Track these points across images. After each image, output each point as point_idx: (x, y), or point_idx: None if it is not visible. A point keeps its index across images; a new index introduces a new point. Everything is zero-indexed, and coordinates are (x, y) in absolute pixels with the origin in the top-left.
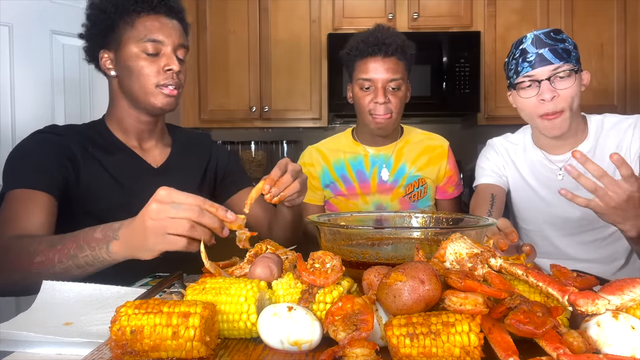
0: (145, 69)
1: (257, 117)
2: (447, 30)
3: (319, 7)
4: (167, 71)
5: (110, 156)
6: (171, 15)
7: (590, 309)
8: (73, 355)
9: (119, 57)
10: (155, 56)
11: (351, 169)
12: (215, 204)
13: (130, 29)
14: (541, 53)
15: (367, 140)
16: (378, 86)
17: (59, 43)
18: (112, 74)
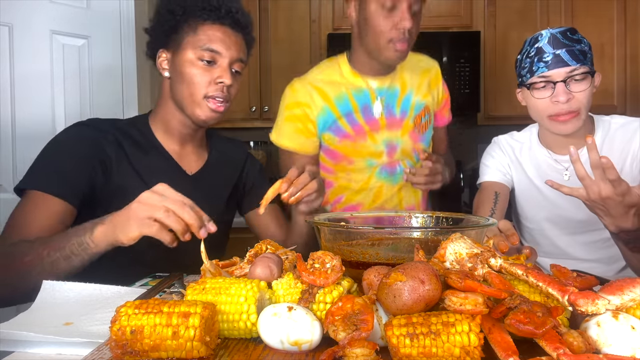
0: (197, 76)
1: (257, 117)
2: (447, 30)
3: (319, 7)
4: (219, 83)
5: (146, 158)
6: (236, 29)
7: (590, 309)
8: (73, 355)
9: (175, 59)
10: (210, 65)
11: (357, 106)
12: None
13: (192, 34)
14: (558, 54)
15: (367, 71)
16: (404, 7)
17: (59, 43)
18: (166, 75)
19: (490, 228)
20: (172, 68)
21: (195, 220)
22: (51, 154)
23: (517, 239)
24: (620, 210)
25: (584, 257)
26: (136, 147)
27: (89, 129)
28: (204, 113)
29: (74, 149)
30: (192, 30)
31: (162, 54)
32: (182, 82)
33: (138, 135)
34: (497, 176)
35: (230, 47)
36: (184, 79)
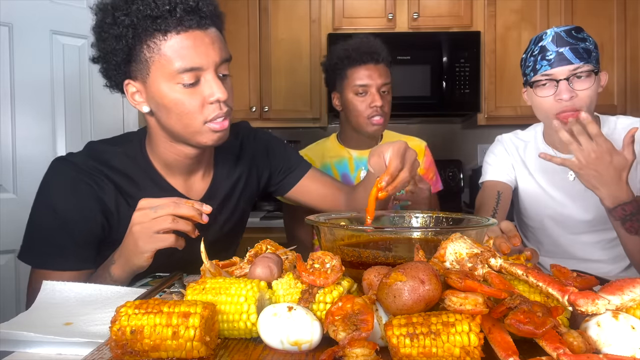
0: (185, 104)
1: (257, 117)
2: (447, 30)
3: (319, 7)
4: (213, 102)
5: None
6: (205, 24)
7: (590, 309)
8: (73, 355)
9: (149, 91)
10: (194, 86)
11: (337, 173)
12: (191, 200)
13: (157, 57)
14: (561, 52)
15: (352, 144)
16: (373, 91)
17: (59, 43)
18: (145, 109)
19: (492, 228)
20: (150, 100)
21: (194, 211)
22: (52, 226)
23: (519, 240)
24: (612, 174)
25: (587, 257)
26: (136, 187)
27: (83, 183)
28: (209, 138)
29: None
30: (154, 51)
31: (128, 87)
32: (169, 114)
33: (137, 171)
34: (499, 175)
35: (208, 53)
36: (171, 111)
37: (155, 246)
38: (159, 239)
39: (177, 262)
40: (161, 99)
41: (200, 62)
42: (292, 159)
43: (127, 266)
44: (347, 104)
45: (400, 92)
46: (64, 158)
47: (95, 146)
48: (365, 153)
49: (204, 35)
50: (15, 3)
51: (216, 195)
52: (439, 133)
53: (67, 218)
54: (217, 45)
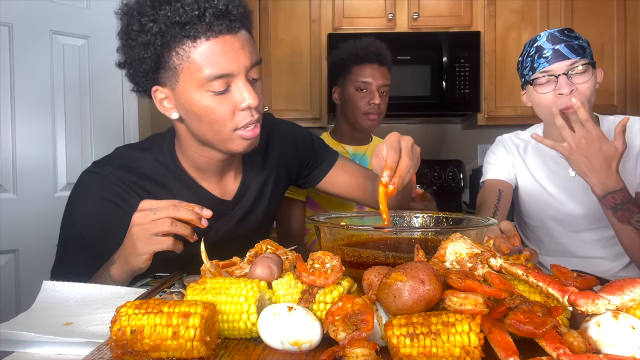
0: (215, 111)
1: None
2: (447, 30)
3: (319, 7)
4: (244, 109)
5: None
6: (235, 28)
7: (590, 309)
8: (73, 355)
9: (178, 98)
10: (225, 93)
11: None
12: (192, 204)
13: (187, 64)
14: (557, 49)
15: (346, 139)
16: (374, 89)
17: (59, 43)
18: (174, 116)
19: (491, 229)
20: (179, 107)
21: (194, 215)
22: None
23: (519, 239)
24: (601, 161)
25: (587, 255)
26: (168, 193)
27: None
28: (240, 146)
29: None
30: (184, 59)
31: (157, 94)
32: (200, 122)
33: (168, 177)
34: (500, 174)
35: (239, 59)
36: (201, 118)
37: (153, 248)
38: (157, 241)
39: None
40: (191, 106)
41: (230, 69)
42: (319, 151)
43: (126, 267)
44: (347, 98)
45: (400, 92)
46: (92, 171)
47: (125, 153)
48: (360, 148)
49: (234, 40)
50: (15, 3)
51: (247, 195)
52: (439, 133)
53: (92, 240)
54: (248, 49)
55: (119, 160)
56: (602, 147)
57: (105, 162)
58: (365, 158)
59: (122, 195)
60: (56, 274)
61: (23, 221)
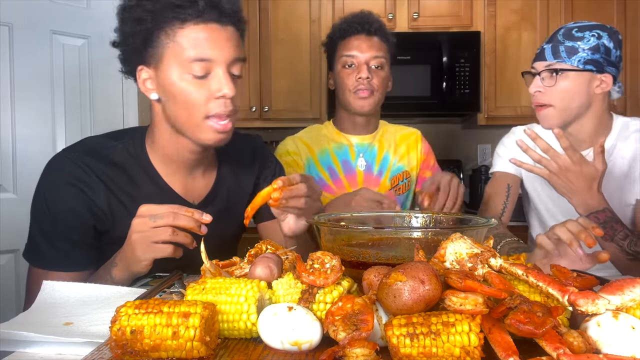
0: (192, 95)
1: (257, 117)
2: (447, 30)
3: (319, 7)
4: (219, 97)
5: (144, 196)
6: (224, 21)
7: (590, 309)
8: (73, 355)
9: (159, 77)
10: (204, 78)
11: (337, 159)
12: (191, 209)
13: (172, 43)
14: (543, 48)
15: (348, 129)
16: (361, 62)
17: (59, 43)
18: (153, 97)
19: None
20: (159, 88)
21: (193, 223)
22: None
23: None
24: (582, 184)
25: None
26: (133, 185)
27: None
28: (209, 137)
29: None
30: (170, 38)
31: (141, 73)
32: (175, 103)
33: (135, 169)
34: (508, 166)
35: (222, 48)
36: (177, 99)
37: (153, 256)
38: (157, 249)
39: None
40: (170, 86)
41: (212, 55)
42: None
43: (127, 270)
44: (336, 79)
45: (400, 92)
46: (59, 156)
47: (96, 140)
48: (365, 139)
49: (220, 30)
50: (15, 3)
51: (216, 200)
52: (439, 133)
53: (61, 221)
54: (232, 42)
55: (88, 147)
56: (582, 170)
57: (75, 147)
58: (372, 149)
59: (86, 181)
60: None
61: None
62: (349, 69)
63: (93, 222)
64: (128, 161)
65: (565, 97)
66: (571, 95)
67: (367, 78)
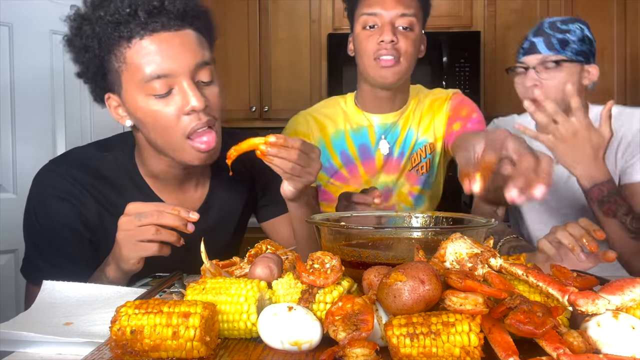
0: (160, 117)
1: (257, 117)
2: (447, 30)
3: (319, 7)
4: (190, 113)
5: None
6: (174, 25)
7: (590, 309)
8: (73, 355)
9: (124, 102)
10: (168, 95)
11: (353, 143)
12: (177, 207)
13: (125, 66)
14: (534, 41)
15: (371, 107)
16: (385, 21)
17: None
18: (128, 124)
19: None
20: (130, 114)
21: (179, 221)
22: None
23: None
24: (589, 152)
25: None
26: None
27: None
28: (193, 157)
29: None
30: (121, 60)
31: (110, 101)
32: (148, 130)
33: (125, 183)
34: None
35: (178, 56)
36: (147, 124)
37: (139, 255)
38: (142, 247)
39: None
40: (136, 111)
41: (169, 68)
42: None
43: (119, 269)
44: (355, 42)
45: None
46: (47, 170)
47: (85, 151)
48: (389, 117)
49: (172, 37)
50: (15, 3)
51: (211, 211)
52: None
53: (55, 236)
54: (190, 47)
55: (76, 159)
56: (590, 136)
57: (62, 160)
58: (395, 129)
59: (77, 195)
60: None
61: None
62: (370, 30)
63: (88, 235)
64: (117, 174)
65: (561, 89)
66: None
67: (391, 42)
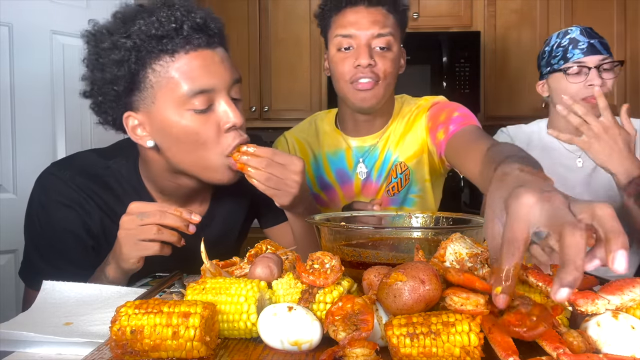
0: (199, 133)
1: (257, 117)
2: (447, 30)
3: None
4: (229, 130)
5: None
6: (213, 43)
7: (590, 309)
8: (73, 355)
9: (155, 121)
10: (207, 112)
11: (330, 169)
12: (180, 208)
13: (165, 81)
14: (592, 43)
15: (350, 129)
16: (361, 43)
17: (59, 43)
18: (149, 144)
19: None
20: (156, 133)
21: (181, 222)
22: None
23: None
24: (621, 147)
25: None
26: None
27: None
28: (227, 176)
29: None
30: (161, 75)
31: (128, 120)
32: (180, 148)
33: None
34: None
35: (219, 72)
36: (181, 143)
37: (140, 253)
38: (143, 246)
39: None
40: (170, 128)
41: (212, 83)
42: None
43: (119, 268)
44: (330, 63)
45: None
46: (50, 174)
47: (89, 158)
48: (367, 140)
49: (213, 55)
50: (15, 3)
51: (213, 223)
52: None
53: (58, 241)
54: (227, 64)
55: (80, 166)
56: (620, 132)
57: (66, 165)
58: (374, 152)
59: (80, 202)
60: (23, 273)
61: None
62: (346, 52)
63: (91, 242)
64: (120, 183)
65: (611, 90)
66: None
67: (368, 65)
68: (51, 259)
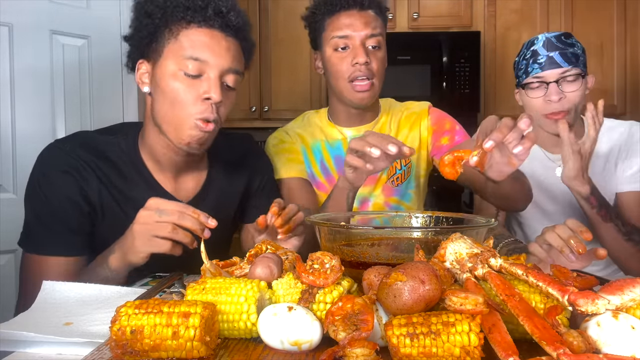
0: (180, 93)
1: (257, 117)
2: (447, 30)
3: None
4: (205, 100)
5: (134, 192)
6: (228, 32)
7: (590, 309)
8: (73, 355)
9: (155, 71)
10: (195, 78)
11: (329, 156)
12: (198, 211)
13: (174, 41)
14: (551, 56)
15: (343, 121)
16: (357, 43)
17: (59, 43)
18: (145, 90)
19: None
20: (153, 82)
21: (197, 225)
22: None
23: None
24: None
25: None
26: (124, 181)
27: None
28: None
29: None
30: (174, 36)
31: (141, 66)
32: (163, 99)
33: (125, 164)
34: None
35: (220, 54)
36: (165, 95)
37: (151, 250)
38: (156, 243)
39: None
40: (162, 80)
41: (207, 57)
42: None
43: (124, 260)
44: (326, 64)
45: (400, 92)
46: (53, 146)
47: (88, 134)
48: (361, 130)
49: (222, 38)
50: (15, 3)
51: (206, 200)
52: None
53: (57, 207)
54: (232, 53)
55: (81, 140)
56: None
57: (67, 140)
58: None
59: (78, 169)
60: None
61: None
62: (342, 52)
63: (88, 209)
64: (119, 156)
65: (579, 101)
66: (581, 98)
67: (365, 63)
68: (48, 223)
